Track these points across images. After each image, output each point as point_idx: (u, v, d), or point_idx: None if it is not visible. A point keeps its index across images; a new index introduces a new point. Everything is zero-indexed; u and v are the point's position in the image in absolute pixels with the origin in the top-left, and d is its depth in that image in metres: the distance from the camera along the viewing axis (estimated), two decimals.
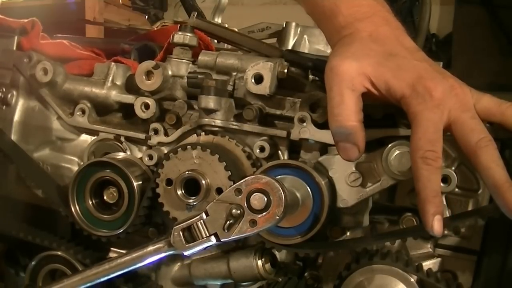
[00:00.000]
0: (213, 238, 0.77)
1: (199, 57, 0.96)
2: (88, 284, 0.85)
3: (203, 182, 0.87)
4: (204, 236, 0.77)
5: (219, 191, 0.86)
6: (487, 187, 0.73)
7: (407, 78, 0.74)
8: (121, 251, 1.01)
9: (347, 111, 0.76)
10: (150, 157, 0.96)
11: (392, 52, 0.77)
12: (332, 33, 0.82)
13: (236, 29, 1.15)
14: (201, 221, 0.77)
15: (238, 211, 0.74)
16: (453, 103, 0.74)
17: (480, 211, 0.85)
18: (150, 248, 0.81)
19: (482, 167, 0.72)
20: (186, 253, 0.79)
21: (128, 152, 0.99)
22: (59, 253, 0.99)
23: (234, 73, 0.94)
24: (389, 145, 0.84)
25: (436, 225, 0.72)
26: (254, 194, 0.74)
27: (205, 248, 0.78)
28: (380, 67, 0.75)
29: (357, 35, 0.78)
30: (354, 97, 0.76)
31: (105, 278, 0.84)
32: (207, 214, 0.77)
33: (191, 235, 0.78)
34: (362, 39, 0.78)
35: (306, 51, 1.24)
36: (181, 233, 0.78)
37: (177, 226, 0.79)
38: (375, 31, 0.78)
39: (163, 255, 0.81)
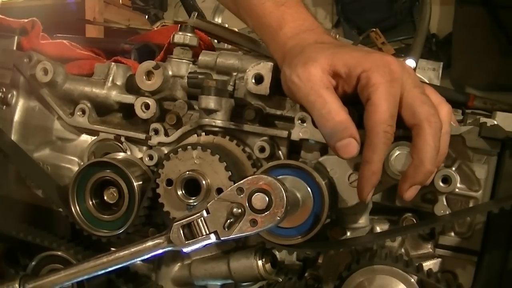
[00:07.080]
0: (212, 236, 0.76)
1: (200, 57, 0.96)
2: (86, 277, 0.85)
3: (204, 182, 0.87)
4: (204, 233, 0.76)
5: (220, 191, 0.86)
6: (411, 153, 0.76)
7: (365, 55, 0.78)
8: None
9: (335, 107, 0.77)
10: (150, 157, 0.96)
11: (341, 45, 0.82)
12: (278, 45, 0.86)
13: (236, 29, 1.15)
14: (202, 218, 0.76)
15: (239, 210, 0.74)
16: (406, 77, 0.77)
17: (479, 207, 0.85)
18: (149, 243, 0.81)
19: (423, 140, 0.74)
20: (185, 250, 0.78)
21: (128, 152, 0.99)
22: (59, 253, 0.99)
23: (235, 73, 0.94)
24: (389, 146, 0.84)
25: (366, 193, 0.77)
26: (256, 194, 0.73)
27: (204, 246, 0.77)
28: (336, 54, 0.79)
29: (303, 42, 0.83)
30: (333, 93, 0.78)
31: (103, 272, 0.84)
32: (207, 212, 0.76)
33: (190, 232, 0.77)
34: (309, 44, 0.82)
35: None
36: (180, 230, 0.78)
37: (177, 223, 0.78)
38: (319, 38, 0.84)
39: (162, 251, 0.80)
